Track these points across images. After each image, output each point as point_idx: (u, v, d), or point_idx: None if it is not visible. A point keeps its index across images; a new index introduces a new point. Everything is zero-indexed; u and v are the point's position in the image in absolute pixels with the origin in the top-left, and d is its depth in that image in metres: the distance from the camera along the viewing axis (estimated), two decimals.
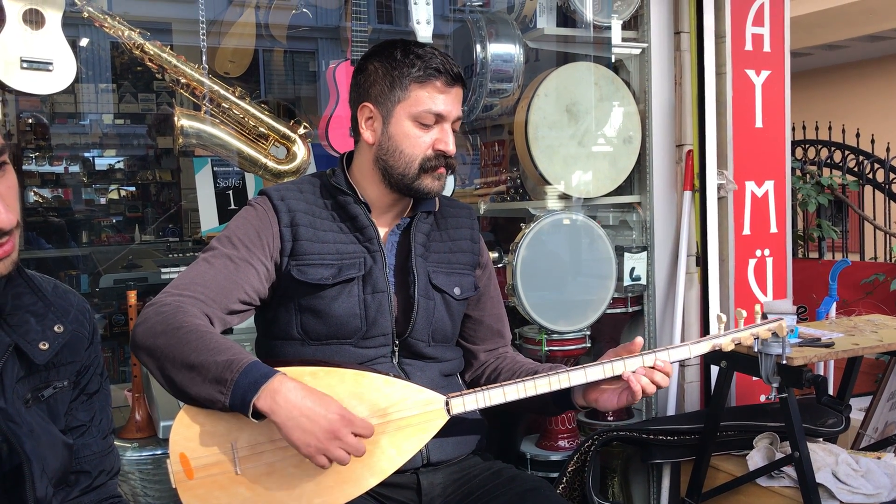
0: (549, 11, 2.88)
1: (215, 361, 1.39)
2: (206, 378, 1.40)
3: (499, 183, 3.17)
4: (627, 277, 2.87)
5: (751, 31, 2.89)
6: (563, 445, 2.82)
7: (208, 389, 1.39)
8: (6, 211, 1.13)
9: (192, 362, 1.41)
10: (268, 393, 1.37)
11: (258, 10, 4.01)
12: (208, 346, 1.42)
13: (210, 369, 1.39)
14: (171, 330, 1.45)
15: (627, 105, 2.92)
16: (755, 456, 2.43)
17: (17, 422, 1.20)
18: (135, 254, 3.65)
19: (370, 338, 1.67)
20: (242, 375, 1.38)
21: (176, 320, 1.46)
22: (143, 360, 1.50)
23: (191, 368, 1.41)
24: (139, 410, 2.29)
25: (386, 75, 1.66)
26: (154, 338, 1.46)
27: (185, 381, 1.42)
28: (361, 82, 1.71)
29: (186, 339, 1.43)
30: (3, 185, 1.16)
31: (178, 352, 1.42)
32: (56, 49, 2.17)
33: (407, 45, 1.68)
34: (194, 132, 2.39)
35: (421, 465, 1.67)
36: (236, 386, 1.37)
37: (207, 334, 1.45)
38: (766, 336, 1.73)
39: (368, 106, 1.69)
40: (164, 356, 1.44)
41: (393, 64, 1.66)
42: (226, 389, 1.38)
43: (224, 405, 1.39)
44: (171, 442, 1.45)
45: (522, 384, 1.57)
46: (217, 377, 1.39)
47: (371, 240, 1.70)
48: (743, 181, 2.91)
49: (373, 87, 1.68)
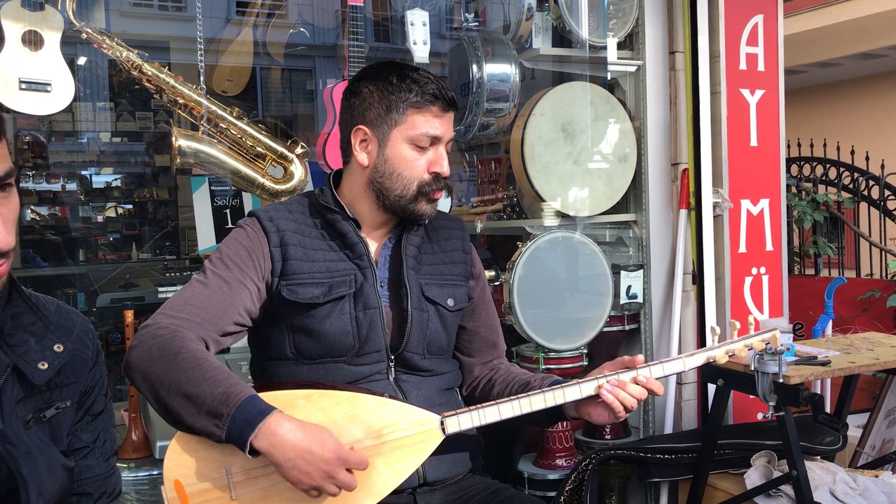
0: (545, 32, 2.90)
1: (212, 394, 1.39)
2: (201, 410, 1.39)
3: (495, 201, 3.18)
4: (624, 295, 2.88)
5: (745, 51, 2.91)
6: (560, 464, 2.82)
7: (204, 421, 1.39)
8: (7, 233, 1.14)
9: (189, 392, 1.40)
10: (264, 433, 1.37)
11: (256, 29, 4.03)
12: (205, 375, 1.42)
13: (206, 401, 1.39)
14: (167, 356, 1.44)
15: (623, 124, 2.94)
16: (753, 474, 2.42)
17: (15, 443, 1.20)
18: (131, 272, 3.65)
19: (364, 355, 1.67)
20: (239, 411, 1.38)
21: (173, 345, 1.46)
22: (137, 384, 1.49)
23: (187, 398, 1.41)
24: (135, 430, 2.28)
25: (382, 99, 1.67)
26: (150, 362, 1.45)
27: (181, 409, 1.41)
28: (356, 105, 1.72)
29: (183, 367, 1.43)
30: (6, 207, 1.16)
31: (175, 379, 1.42)
32: (55, 70, 2.19)
33: (402, 70, 1.70)
34: (192, 152, 2.39)
35: (418, 484, 1.67)
36: (233, 421, 1.37)
37: (205, 362, 1.44)
38: (760, 347, 1.73)
39: (363, 129, 1.70)
40: (159, 382, 1.44)
41: (389, 88, 1.67)
42: (222, 424, 1.38)
43: (220, 439, 1.39)
44: (165, 468, 1.45)
45: (518, 402, 1.57)
46: (213, 410, 1.38)
47: (361, 256, 1.70)
48: (738, 199, 2.92)
49: (368, 111, 1.69)
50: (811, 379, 2.21)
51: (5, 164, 1.15)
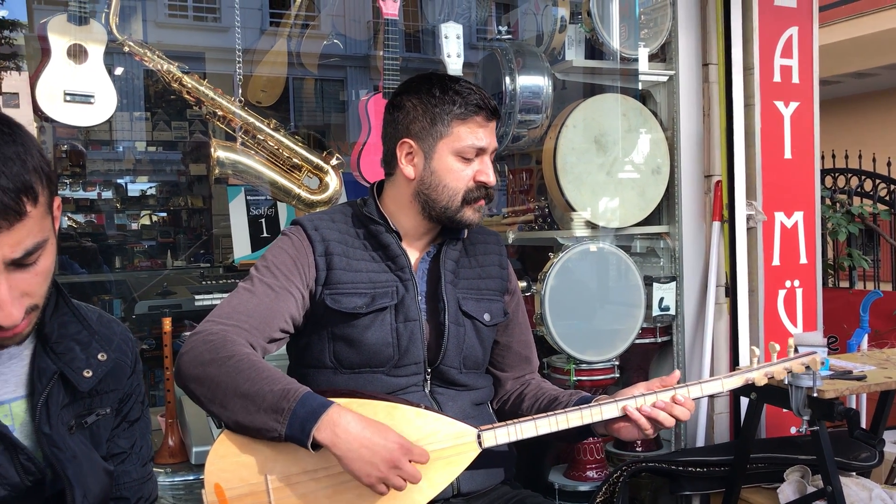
0: (578, 44, 2.92)
1: (271, 390, 1.41)
2: (260, 407, 1.41)
3: (526, 211, 3.19)
4: (656, 307, 2.87)
5: (779, 63, 2.90)
6: (591, 476, 2.81)
7: (263, 418, 1.41)
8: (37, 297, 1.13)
9: (246, 391, 1.42)
10: (327, 424, 1.38)
11: (290, 40, 4.08)
12: (261, 374, 1.43)
13: (265, 398, 1.40)
14: (221, 359, 1.46)
15: (656, 135, 2.93)
16: (786, 489, 2.40)
17: (61, 447, 1.22)
18: (168, 280, 3.70)
19: (402, 366, 1.68)
20: (299, 405, 1.39)
21: (225, 349, 1.48)
22: (189, 389, 1.51)
23: (244, 397, 1.42)
24: (172, 436, 2.31)
25: (426, 112, 1.69)
26: (203, 367, 1.47)
27: (238, 409, 1.43)
28: (399, 119, 1.73)
29: (238, 368, 1.44)
30: (33, 272, 1.11)
31: (231, 380, 1.44)
32: (98, 82, 2.24)
33: (444, 82, 1.71)
34: (230, 163, 2.43)
35: (451, 495, 1.68)
36: (293, 415, 1.38)
37: (259, 363, 1.47)
38: (800, 370, 1.72)
39: (409, 142, 1.71)
40: (215, 385, 1.45)
41: (433, 101, 1.68)
42: (282, 418, 1.39)
43: (280, 434, 1.39)
44: (206, 472, 1.47)
45: (555, 418, 1.57)
46: (273, 406, 1.40)
47: (403, 268, 1.72)
48: (772, 212, 2.91)
49: (413, 124, 1.70)
50: (846, 394, 2.19)
51: (36, 237, 1.09)
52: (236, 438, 1.47)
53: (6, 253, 1.04)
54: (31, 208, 1.05)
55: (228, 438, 1.48)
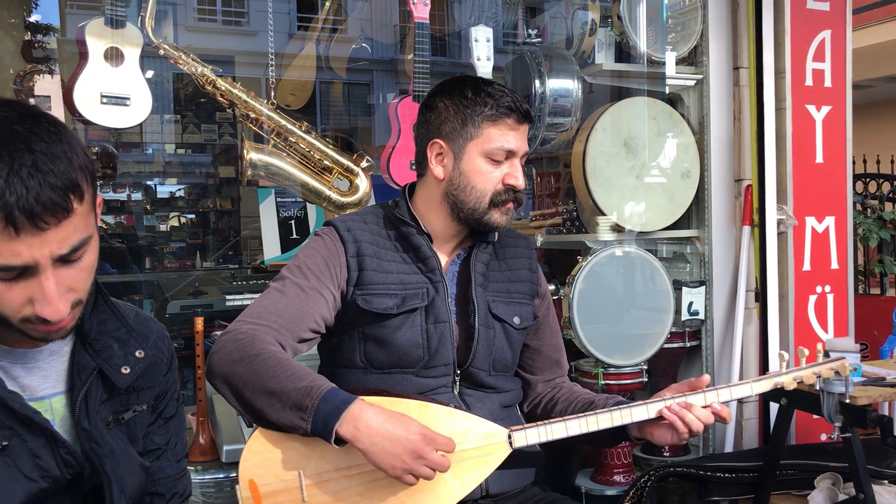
0: (608, 47, 2.91)
1: (295, 388, 1.43)
2: (285, 404, 1.43)
3: (554, 215, 3.19)
4: (685, 312, 2.86)
5: (811, 67, 2.88)
6: (618, 480, 2.80)
7: (289, 415, 1.43)
8: (81, 291, 1.15)
9: (272, 388, 1.44)
10: (349, 419, 1.39)
11: (319, 44, 4.12)
12: (287, 372, 1.45)
13: (290, 395, 1.42)
14: (248, 357, 1.49)
15: (685, 139, 2.92)
16: (817, 496, 2.38)
17: (100, 442, 1.25)
18: (199, 281, 3.76)
19: (432, 367, 1.70)
20: (322, 402, 1.41)
21: (253, 348, 1.50)
22: (219, 388, 1.53)
23: (270, 394, 1.44)
24: (203, 434, 2.34)
25: (458, 113, 1.70)
26: (232, 365, 1.50)
27: (265, 406, 1.45)
28: (431, 119, 1.74)
29: (265, 366, 1.46)
30: (77, 268, 1.13)
31: (258, 378, 1.46)
32: (134, 85, 2.28)
33: (477, 84, 1.72)
34: (262, 165, 2.46)
35: (480, 496, 1.68)
36: (317, 412, 1.40)
37: (285, 361, 1.48)
38: (829, 375, 1.71)
39: (439, 142, 1.73)
40: (242, 383, 1.48)
41: (465, 102, 1.70)
42: (307, 416, 1.41)
43: (305, 431, 1.41)
44: (240, 468, 1.48)
45: (585, 419, 1.57)
46: (297, 403, 1.42)
47: (433, 270, 1.73)
48: (803, 216, 2.88)
49: (444, 125, 1.72)
50: (879, 400, 2.16)
51: (81, 234, 1.11)
52: (270, 435, 1.49)
53: (54, 249, 1.06)
54: (77, 205, 1.07)
55: (262, 435, 1.50)
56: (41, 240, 1.04)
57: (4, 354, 1.21)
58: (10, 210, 1.01)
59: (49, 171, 1.03)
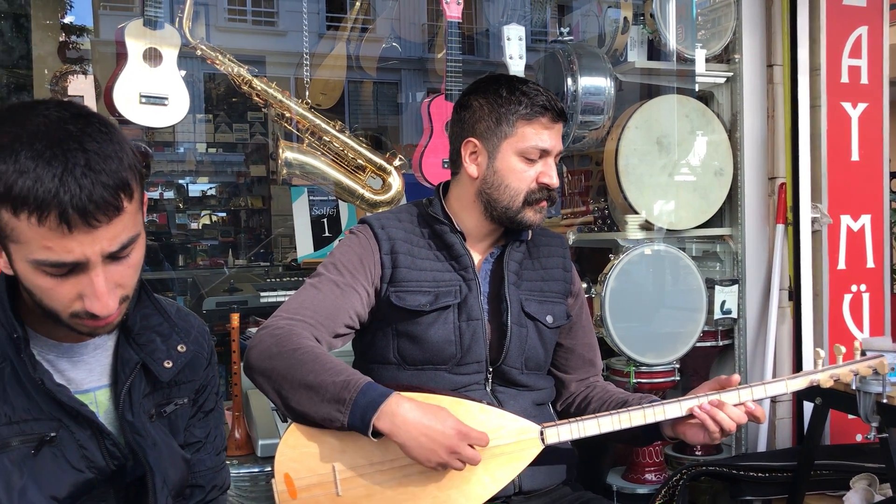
0: (641, 45, 2.90)
1: (333, 381, 1.45)
2: (323, 398, 1.45)
3: (585, 213, 3.19)
4: (718, 311, 2.84)
5: (847, 63, 2.85)
6: (649, 479, 2.80)
7: (326, 409, 1.45)
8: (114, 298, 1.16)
9: (310, 382, 1.46)
10: (387, 413, 1.41)
11: (349, 44, 4.14)
12: (324, 366, 1.48)
13: (328, 389, 1.45)
14: (286, 352, 1.51)
15: (719, 137, 2.90)
16: (853, 497, 2.35)
17: (143, 434, 1.27)
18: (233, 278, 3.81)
19: (464, 364, 1.71)
20: (360, 395, 1.43)
21: (291, 342, 1.52)
22: (257, 381, 1.56)
23: (308, 388, 1.46)
24: (238, 429, 2.37)
25: (492, 112, 1.71)
26: (269, 360, 1.52)
27: (303, 400, 1.47)
28: (466, 118, 1.76)
29: (302, 360, 1.49)
30: (125, 264, 1.15)
31: (296, 372, 1.48)
32: (171, 84, 2.31)
33: (511, 82, 1.73)
34: (297, 164, 2.49)
35: (513, 493, 1.69)
36: (355, 405, 1.42)
37: (322, 355, 1.51)
38: (867, 373, 1.69)
39: (473, 141, 1.74)
40: (280, 377, 1.50)
41: (499, 101, 1.70)
42: (344, 409, 1.43)
43: (342, 424, 1.43)
44: (276, 462, 1.51)
45: (617, 416, 1.58)
46: (335, 397, 1.44)
47: (466, 268, 1.74)
48: (838, 215, 2.85)
49: (478, 123, 1.73)
50: None
51: (130, 231, 1.12)
52: (305, 429, 1.51)
53: (104, 246, 1.09)
54: (127, 204, 1.10)
55: (298, 429, 1.52)
56: (93, 237, 1.07)
57: (51, 349, 1.24)
58: (64, 208, 1.03)
59: (101, 171, 1.06)
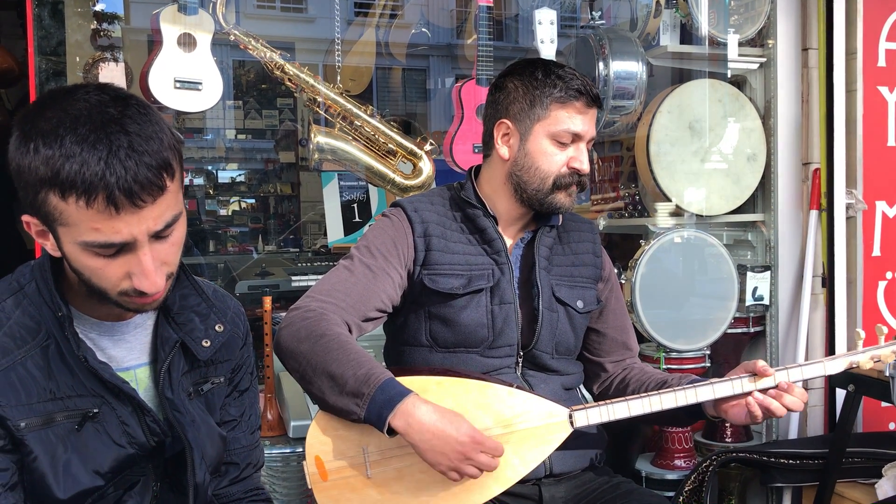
0: (673, 29, 2.88)
1: (354, 374, 1.46)
2: (343, 389, 1.47)
3: (615, 199, 3.17)
4: (750, 297, 2.82)
5: (884, 47, 2.80)
6: (679, 465, 2.79)
7: (345, 401, 1.47)
8: (172, 265, 1.21)
9: (333, 371, 1.48)
10: (402, 412, 1.43)
11: (378, 30, 4.14)
12: (349, 357, 1.49)
13: (349, 381, 1.46)
14: (314, 337, 1.53)
15: (752, 122, 2.88)
16: (885, 485, 2.34)
17: (182, 411, 1.30)
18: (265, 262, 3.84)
19: (496, 347, 1.72)
20: (379, 391, 1.44)
21: (319, 328, 1.54)
22: (285, 362, 1.58)
23: (330, 377, 1.48)
24: (270, 410, 2.40)
25: (526, 94, 1.71)
26: (298, 342, 1.54)
27: (325, 388, 1.49)
28: (500, 99, 1.76)
29: (328, 348, 1.50)
30: (168, 242, 1.17)
31: (320, 359, 1.50)
32: (206, 70, 2.34)
33: (548, 66, 1.73)
34: (329, 148, 2.51)
35: (543, 475, 1.70)
36: (372, 401, 1.44)
37: (348, 345, 1.52)
38: None
39: (506, 122, 1.74)
40: (306, 361, 1.52)
41: (534, 84, 1.71)
42: (362, 403, 1.45)
43: (359, 417, 1.45)
44: (307, 445, 1.53)
45: (648, 399, 1.58)
46: (354, 390, 1.45)
47: (499, 252, 1.74)
48: (873, 201, 2.82)
49: (512, 105, 1.73)
50: None
51: (173, 210, 1.15)
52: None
53: (150, 226, 1.11)
54: (169, 183, 1.12)
55: (328, 413, 1.54)
56: (139, 217, 1.09)
57: (93, 327, 1.27)
58: (111, 190, 1.06)
59: (144, 152, 1.08)
